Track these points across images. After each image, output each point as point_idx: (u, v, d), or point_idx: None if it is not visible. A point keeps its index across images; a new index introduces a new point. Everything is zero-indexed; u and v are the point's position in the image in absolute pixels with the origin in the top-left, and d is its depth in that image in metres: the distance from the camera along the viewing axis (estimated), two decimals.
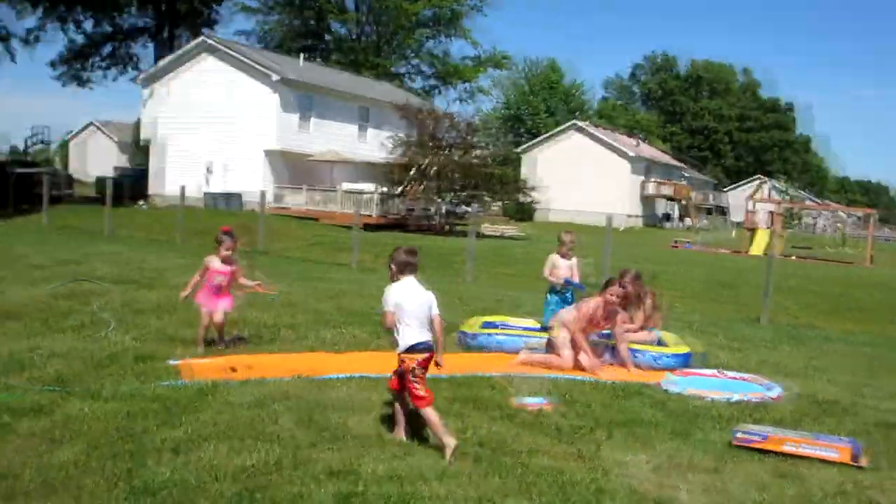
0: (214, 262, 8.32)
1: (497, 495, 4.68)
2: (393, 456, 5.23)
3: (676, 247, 41.11)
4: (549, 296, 10.04)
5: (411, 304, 5.55)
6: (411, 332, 5.51)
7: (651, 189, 65.05)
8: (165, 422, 5.58)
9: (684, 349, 8.94)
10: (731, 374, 8.27)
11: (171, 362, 7.43)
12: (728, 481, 5.21)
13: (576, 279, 10.03)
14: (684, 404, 7.05)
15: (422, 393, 5.46)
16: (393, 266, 5.73)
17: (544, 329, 9.57)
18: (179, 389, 6.37)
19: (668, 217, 69.61)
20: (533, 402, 6.74)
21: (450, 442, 5.27)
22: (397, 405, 5.72)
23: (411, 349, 5.49)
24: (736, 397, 7.30)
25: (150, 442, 5.17)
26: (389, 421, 5.90)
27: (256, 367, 7.44)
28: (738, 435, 5.93)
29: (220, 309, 8.19)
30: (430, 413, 5.42)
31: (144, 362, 7.30)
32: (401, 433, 5.64)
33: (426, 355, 5.53)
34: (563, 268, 10.00)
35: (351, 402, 6.41)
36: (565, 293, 9.96)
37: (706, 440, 6.03)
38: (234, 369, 7.25)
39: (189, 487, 4.49)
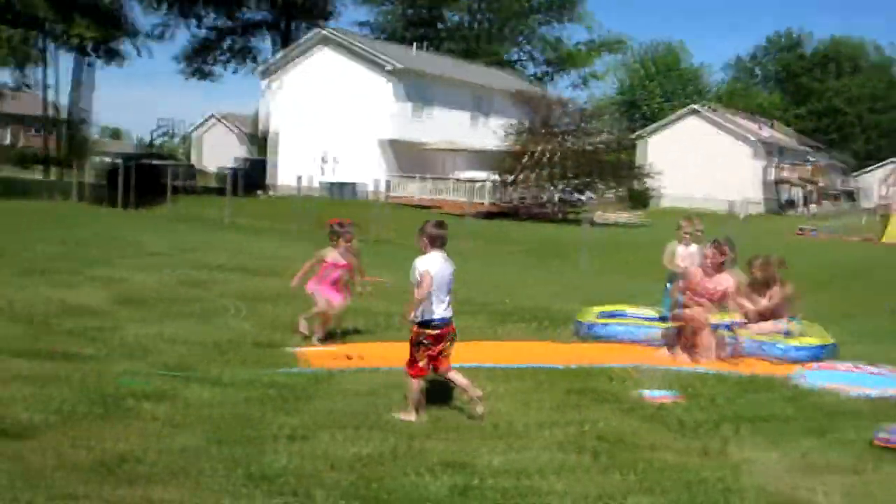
0: (331, 255, 8.20)
1: (618, 492, 4.48)
2: (509, 448, 5.10)
3: (802, 234, 39.49)
4: (669, 285, 9.67)
5: (440, 276, 5.62)
6: (437, 306, 5.61)
7: (774, 174, 62.79)
8: (282, 409, 5.60)
9: (816, 341, 8.48)
10: (869, 367, 7.77)
11: (289, 349, 7.49)
12: (871, 485, 4.84)
13: None
14: (818, 399, 6.65)
15: (421, 364, 5.63)
16: (424, 239, 5.78)
17: (663, 319, 9.26)
18: (296, 377, 6.41)
19: (792, 203, 67.03)
20: (654, 395, 6.49)
21: (410, 415, 5.53)
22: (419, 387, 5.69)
23: (428, 323, 5.61)
24: (875, 393, 6.84)
25: (267, 428, 5.18)
26: (504, 412, 5.79)
27: (370, 356, 7.44)
28: (881, 435, 5.52)
29: (337, 302, 8.11)
30: (414, 383, 5.63)
31: (262, 349, 7.39)
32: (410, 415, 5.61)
33: (440, 331, 5.64)
34: (682, 256, 9.63)
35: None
36: None
37: (843, 439, 5.65)
38: (349, 357, 7.26)
39: (305, 475, 4.47)
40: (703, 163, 59.17)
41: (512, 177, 38.42)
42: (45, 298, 9.11)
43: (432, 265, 5.63)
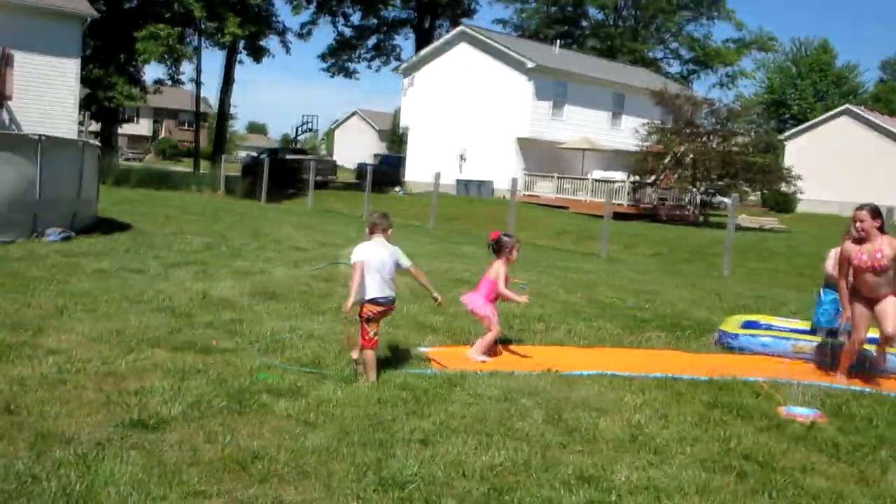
0: (504, 270, 7.71)
1: None
2: (648, 464, 4.86)
3: None
4: (823, 292, 8.70)
5: (373, 260, 6.23)
6: (373, 286, 6.20)
7: None
8: (415, 411, 5.53)
9: None
10: None
11: (422, 349, 7.44)
12: None
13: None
14: None
15: (371, 336, 6.22)
16: (366, 228, 6.56)
17: (813, 332, 8.73)
18: (429, 378, 6.32)
19: None
20: (804, 413, 6.08)
21: (371, 377, 6.15)
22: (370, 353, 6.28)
23: (372, 301, 6.22)
24: None
25: (399, 431, 5.12)
26: (643, 425, 5.54)
27: (504, 359, 7.30)
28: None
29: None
30: (370, 354, 6.23)
31: (396, 349, 7.35)
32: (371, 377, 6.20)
33: (384, 308, 6.30)
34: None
35: (601, 401, 6.09)
36: None
37: None
38: (483, 360, 7.13)
39: (436, 482, 4.37)
40: (857, 166, 56.32)
41: (652, 177, 37.56)
42: (188, 290, 9.38)
43: (361, 253, 6.27)
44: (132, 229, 15.60)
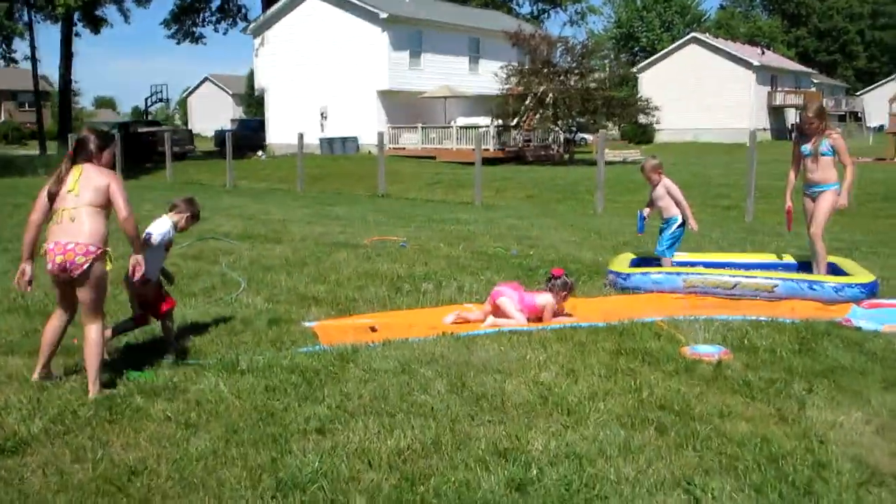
0: (550, 306, 7.18)
1: (696, 474, 3.95)
2: (563, 427, 4.56)
3: None
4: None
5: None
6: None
7: (779, 99, 61.69)
8: (307, 396, 5.06)
9: (870, 277, 7.90)
10: None
11: (306, 324, 6.94)
12: None
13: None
14: (888, 344, 6.10)
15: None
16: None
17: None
18: (319, 356, 5.83)
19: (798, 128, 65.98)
20: (709, 351, 5.91)
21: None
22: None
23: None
24: None
25: (293, 422, 4.64)
26: (551, 383, 5.26)
27: (394, 324, 6.89)
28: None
29: None
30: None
31: (279, 326, 6.84)
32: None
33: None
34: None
35: (504, 361, 5.76)
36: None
37: None
38: (373, 329, 6.70)
39: (341, 478, 3.93)
40: (708, 93, 58.20)
41: (515, 120, 37.62)
42: (42, 284, 8.54)
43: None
44: None
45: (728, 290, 7.93)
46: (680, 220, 8.67)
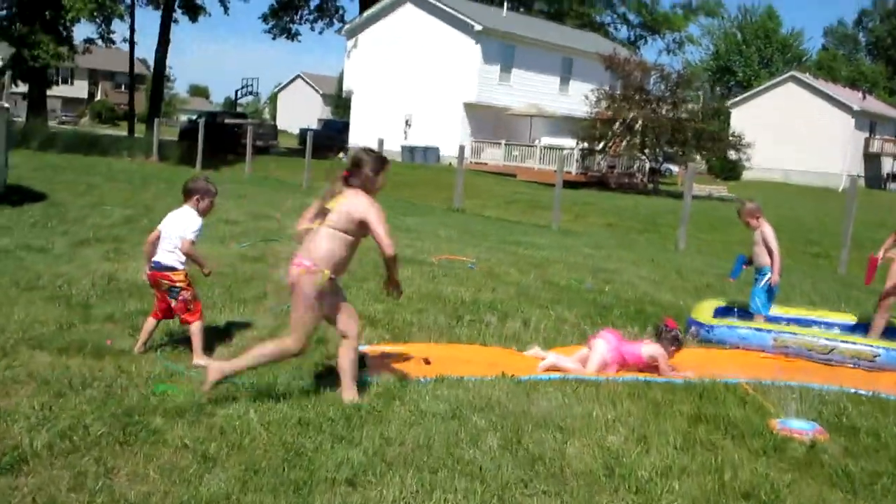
0: (663, 359, 6.56)
1: None
2: None
3: None
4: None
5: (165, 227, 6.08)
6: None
7: (876, 147, 59.47)
8: (343, 437, 4.51)
9: None
10: None
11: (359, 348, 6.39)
12: None
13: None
14: None
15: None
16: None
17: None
18: (364, 389, 5.29)
19: (894, 177, 63.48)
20: (801, 427, 5.18)
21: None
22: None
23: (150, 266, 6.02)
24: None
25: (322, 466, 4.09)
26: (619, 450, 4.61)
27: (453, 358, 6.30)
28: None
29: None
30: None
31: (325, 346, 6.30)
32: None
33: (149, 273, 6.04)
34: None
35: (567, 417, 5.12)
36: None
37: None
38: (427, 361, 6.12)
39: None
40: (802, 134, 56.35)
41: (601, 144, 36.82)
42: (93, 273, 8.22)
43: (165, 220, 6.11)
44: (46, 200, 14.29)
45: (823, 355, 7.15)
46: None
